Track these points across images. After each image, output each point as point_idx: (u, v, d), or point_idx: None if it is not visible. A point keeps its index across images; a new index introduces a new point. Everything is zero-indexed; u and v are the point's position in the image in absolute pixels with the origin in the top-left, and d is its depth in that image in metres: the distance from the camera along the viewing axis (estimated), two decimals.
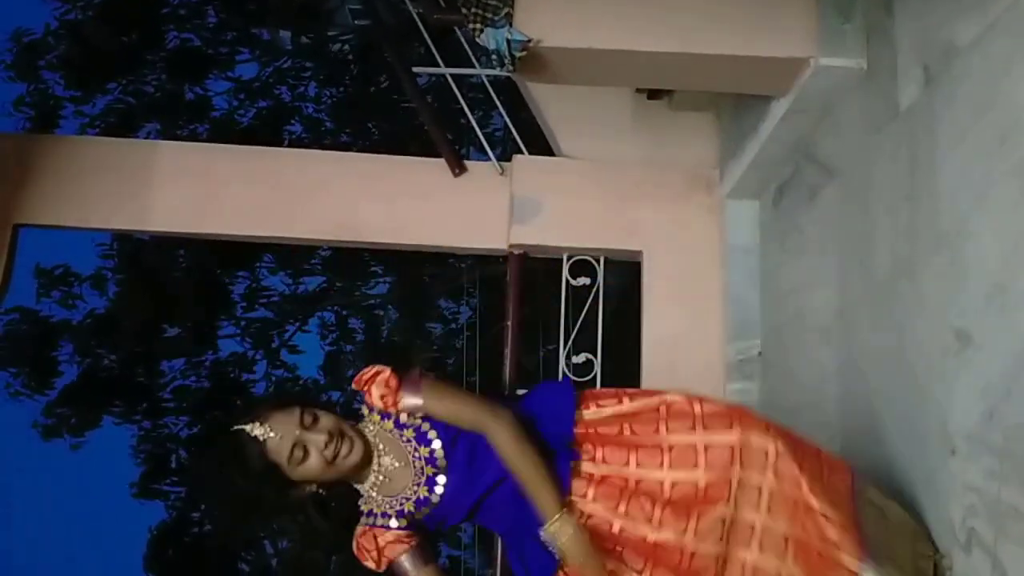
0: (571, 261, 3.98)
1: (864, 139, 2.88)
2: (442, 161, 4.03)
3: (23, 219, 3.90)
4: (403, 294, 10.37)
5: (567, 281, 3.97)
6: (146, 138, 8.28)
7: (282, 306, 10.62)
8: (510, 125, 4.25)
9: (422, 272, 9.98)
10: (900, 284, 2.55)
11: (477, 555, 9.45)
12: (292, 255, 10.06)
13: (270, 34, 9.92)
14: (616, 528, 2.00)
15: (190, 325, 9.85)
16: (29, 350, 9.46)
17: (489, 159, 4.05)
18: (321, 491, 2.08)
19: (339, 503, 2.13)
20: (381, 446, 2.10)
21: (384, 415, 2.10)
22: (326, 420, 2.03)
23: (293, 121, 10.08)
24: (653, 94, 4.05)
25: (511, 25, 2.94)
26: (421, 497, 2.09)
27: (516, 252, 3.97)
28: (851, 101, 3.01)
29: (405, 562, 2.08)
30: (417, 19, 4.16)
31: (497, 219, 3.95)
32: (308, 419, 2.02)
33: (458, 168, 4.01)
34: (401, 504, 2.09)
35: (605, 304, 3.96)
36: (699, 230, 3.91)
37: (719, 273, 3.85)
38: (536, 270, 4.27)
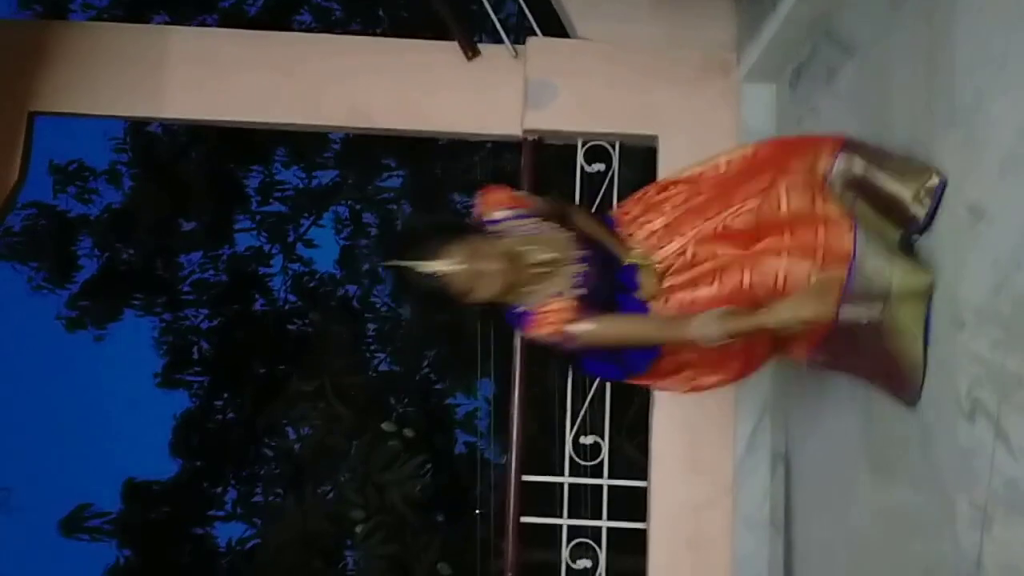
0: (586, 147, 3.97)
1: (883, 14, 2.83)
2: (455, 44, 3.97)
3: (37, 107, 3.89)
4: (416, 188, 10.34)
5: (581, 167, 3.96)
6: None
7: (296, 200, 10.65)
8: (524, 7, 4.16)
9: (435, 165, 9.93)
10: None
11: (493, 443, 9.66)
12: (305, 148, 10.02)
13: None
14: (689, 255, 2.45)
15: (206, 219, 9.93)
16: (49, 245, 9.59)
17: (503, 43, 3.99)
18: (490, 306, 2.28)
19: (355, 391, 2.21)
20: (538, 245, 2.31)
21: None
22: (493, 247, 2.21)
23: (302, 10, 9.91)
24: None
25: None
26: (577, 274, 2.30)
27: (530, 138, 3.95)
28: None
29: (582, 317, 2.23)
30: None
31: (511, 104, 3.91)
32: (484, 246, 2.19)
33: (471, 51, 3.95)
34: (559, 288, 2.28)
35: (620, 190, 3.95)
36: (715, 114, 3.85)
37: None
38: (550, 157, 4.25)
